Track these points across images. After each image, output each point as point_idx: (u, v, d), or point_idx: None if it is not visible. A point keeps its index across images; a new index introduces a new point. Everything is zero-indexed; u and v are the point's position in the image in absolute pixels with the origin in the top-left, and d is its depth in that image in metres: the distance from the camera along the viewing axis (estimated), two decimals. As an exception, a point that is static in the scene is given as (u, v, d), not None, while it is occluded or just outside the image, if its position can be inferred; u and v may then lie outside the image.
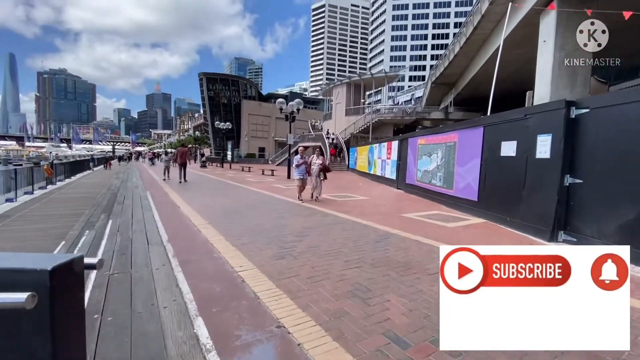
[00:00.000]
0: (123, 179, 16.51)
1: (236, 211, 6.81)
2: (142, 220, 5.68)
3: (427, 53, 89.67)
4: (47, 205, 9.13)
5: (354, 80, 34.07)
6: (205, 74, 47.84)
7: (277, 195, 9.70)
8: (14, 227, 6.37)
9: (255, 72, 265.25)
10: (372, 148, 17.54)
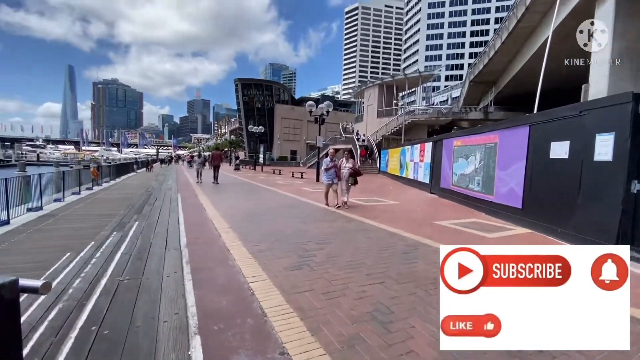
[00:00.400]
0: (160, 181, 17.30)
1: (259, 215, 6.70)
2: (166, 222, 5.73)
3: (465, 51, 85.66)
4: (89, 205, 9.65)
5: (386, 82, 33.28)
6: (240, 80, 49.41)
7: (303, 199, 9.52)
8: (55, 226, 6.71)
9: (288, 77, 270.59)
10: (404, 150, 16.86)
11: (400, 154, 17.62)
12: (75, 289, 2.88)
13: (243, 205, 8.11)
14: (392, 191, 12.84)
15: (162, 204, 8.21)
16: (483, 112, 30.83)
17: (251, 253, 3.89)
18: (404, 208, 8.29)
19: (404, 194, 11.91)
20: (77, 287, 2.92)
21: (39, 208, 8.67)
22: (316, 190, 12.12)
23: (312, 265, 3.49)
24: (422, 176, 13.22)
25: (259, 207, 7.78)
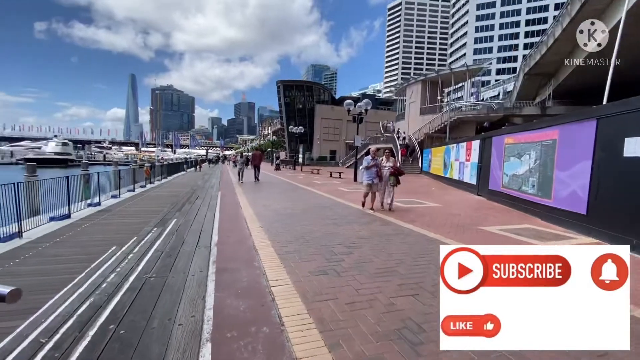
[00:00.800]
0: (206, 179, 18.19)
1: (292, 215, 6.63)
2: (202, 220, 5.88)
3: (519, 42, 78.95)
4: (140, 202, 10.36)
5: (430, 77, 31.76)
6: (282, 82, 50.54)
7: (338, 199, 9.31)
8: (108, 221, 7.24)
9: (330, 78, 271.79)
10: (448, 149, 15.88)
11: (444, 153, 16.64)
12: (109, 284, 2.99)
13: (278, 205, 8.13)
14: (435, 192, 12.12)
15: (202, 202, 8.53)
16: (540, 107, 28.06)
17: (278, 254, 3.79)
18: (446, 211, 7.71)
19: (448, 195, 11.17)
20: (111, 282, 3.03)
21: (97, 204, 9.46)
22: (352, 190, 11.84)
23: (338, 271, 3.29)
24: (468, 177, 12.31)
25: (293, 207, 7.73)
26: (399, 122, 37.24)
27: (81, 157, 64.39)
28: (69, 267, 3.70)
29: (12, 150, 61.32)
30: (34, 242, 5.16)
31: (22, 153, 55.59)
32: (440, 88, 32.54)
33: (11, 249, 4.82)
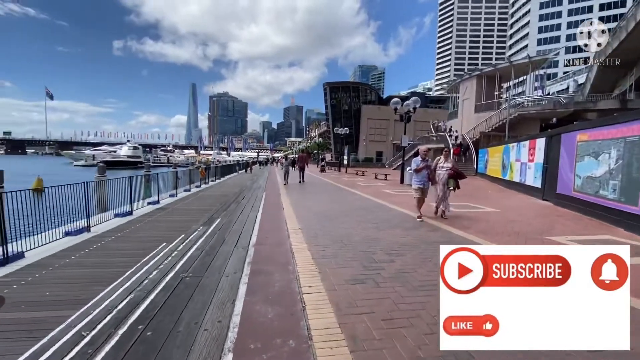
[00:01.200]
0: (254, 180, 18.86)
1: (333, 217, 6.46)
2: (245, 220, 5.98)
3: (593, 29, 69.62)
4: (194, 201, 10.99)
5: (486, 72, 29.38)
6: (329, 84, 50.80)
7: (381, 202, 8.92)
8: (164, 218, 7.73)
9: (377, 77, 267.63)
10: (507, 148, 14.47)
11: (502, 153, 15.21)
12: (150, 280, 3.10)
13: (319, 207, 8.02)
14: (492, 196, 11.07)
15: (248, 202, 8.75)
16: (619, 100, 24.34)
17: (314, 259, 3.65)
18: (505, 217, 6.93)
19: (507, 199, 10.11)
20: (152, 278, 3.14)
21: (157, 202, 10.23)
22: (397, 192, 11.31)
23: (377, 281, 3.03)
24: (532, 179, 11.04)
25: (334, 209, 7.56)
26: (451, 120, 35.10)
27: (149, 159, 71.36)
28: (124, 261, 3.97)
29: (94, 153, 70.13)
30: (100, 236, 5.67)
31: (101, 156, 63.28)
32: (498, 83, 29.96)
33: (80, 241, 5.34)
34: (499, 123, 25.34)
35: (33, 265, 4.18)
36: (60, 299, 2.91)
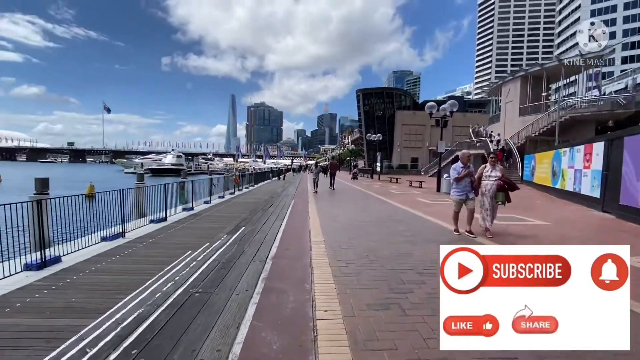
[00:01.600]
0: (285, 187, 18.95)
1: (360, 227, 6.10)
2: (268, 229, 5.83)
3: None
4: (225, 207, 11.15)
5: (532, 72, 27.29)
6: (362, 90, 50.42)
7: (415, 212, 8.37)
8: (195, 224, 7.83)
9: (413, 83, 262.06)
10: (557, 154, 13.15)
11: (552, 159, 13.86)
12: (163, 293, 3.00)
13: (347, 216, 7.69)
14: (541, 207, 10.02)
15: (275, 210, 8.65)
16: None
17: (335, 276, 3.34)
18: (558, 233, 6.13)
19: (559, 211, 9.07)
20: (165, 291, 3.04)
21: (191, 208, 10.50)
22: (433, 202, 10.63)
23: (404, 307, 2.65)
24: (588, 188, 9.85)
25: (363, 219, 7.19)
26: (493, 124, 33.04)
27: (190, 167, 75.29)
28: (148, 269, 3.98)
29: (142, 162, 75.58)
30: (132, 242, 5.81)
31: (148, 164, 68.02)
32: (545, 84, 27.74)
33: (114, 247, 5.50)
34: (548, 127, 23.33)
35: (67, 269, 4.32)
36: (83, 307, 2.94)
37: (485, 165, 5.95)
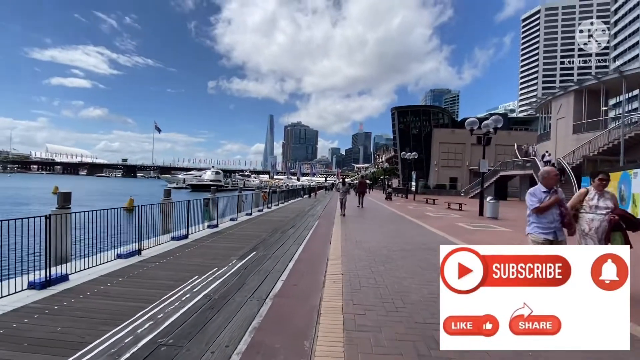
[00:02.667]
0: (314, 205, 18.42)
1: (388, 258, 5.29)
2: (282, 255, 5.23)
3: None
4: (249, 226, 10.79)
5: (587, 86, 24.86)
6: (397, 108, 49.51)
7: (454, 239, 7.34)
8: (213, 244, 7.44)
9: (451, 101, 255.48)
10: (626, 176, 11.34)
11: (619, 182, 11.98)
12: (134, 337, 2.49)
13: (374, 242, 6.87)
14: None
15: (295, 231, 8.08)
16: None
17: (346, 330, 2.63)
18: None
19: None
20: (139, 335, 2.54)
21: (215, 226, 10.26)
22: (476, 228, 9.44)
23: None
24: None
25: (392, 246, 6.35)
26: (542, 143, 30.40)
27: (228, 183, 78.01)
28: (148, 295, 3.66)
29: (184, 177, 79.80)
30: (145, 261, 5.54)
31: (190, 180, 71.58)
32: (604, 98, 25.10)
33: (125, 266, 5.25)
34: (609, 145, 20.81)
35: (69, 290, 4.11)
36: (63, 338, 2.65)
37: (589, 188, 3.89)
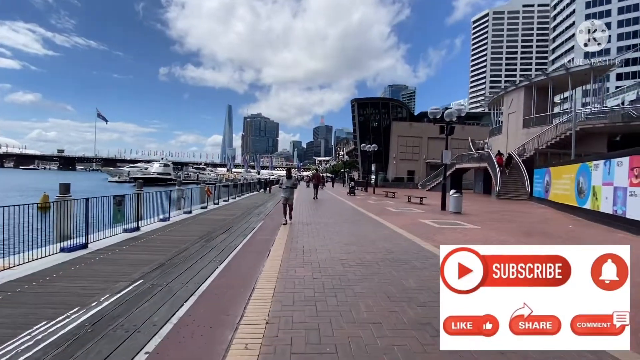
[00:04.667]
0: (266, 201, 16.62)
1: (342, 282, 3.73)
2: (180, 288, 3.40)
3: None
4: (180, 228, 8.71)
5: (537, 82, 25.68)
6: (357, 100, 48.85)
7: (424, 244, 6.03)
8: (116, 256, 5.44)
9: (408, 97, 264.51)
10: (585, 168, 11.10)
11: (577, 174, 11.78)
12: None
13: (326, 252, 5.27)
14: (578, 234, 7.83)
15: (227, 237, 6.35)
16: None
17: None
18: None
19: (606, 240, 6.87)
20: None
21: (135, 229, 8.09)
22: (443, 225, 8.38)
23: None
24: (638, 211, 7.73)
25: (349, 258, 4.85)
26: (493, 137, 31.30)
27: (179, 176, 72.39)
28: None
29: (129, 170, 72.69)
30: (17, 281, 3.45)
31: (134, 173, 65.07)
32: (551, 94, 26.16)
33: None
34: (557, 138, 21.51)
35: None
36: None
37: None
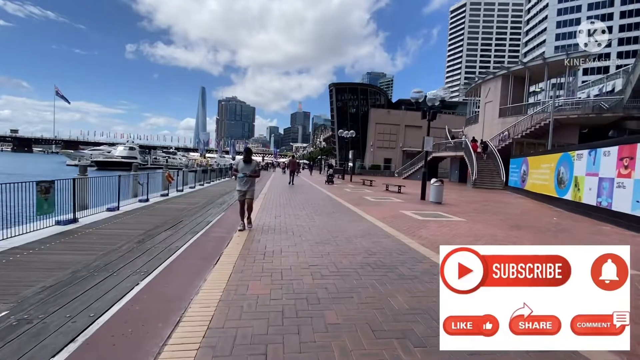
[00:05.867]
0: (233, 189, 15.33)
1: (309, 306, 2.78)
2: (82, 312, 2.37)
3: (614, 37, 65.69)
4: (127, 220, 7.45)
5: (514, 71, 25.66)
6: (335, 84, 47.47)
7: (409, 242, 5.19)
8: (36, 258, 4.19)
9: (386, 85, 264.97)
10: (566, 157, 10.78)
11: (557, 164, 11.48)
12: None
13: (293, 255, 4.27)
14: (565, 226, 7.37)
15: (172, 235, 5.21)
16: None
17: None
18: None
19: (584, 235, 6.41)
20: None
21: (71, 220, 6.76)
22: (426, 217, 7.64)
23: None
24: (627, 203, 7.37)
25: (321, 264, 3.89)
26: (470, 126, 31.37)
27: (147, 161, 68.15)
28: None
29: (91, 153, 67.42)
30: None
31: (96, 156, 60.38)
32: (527, 84, 26.29)
33: None
34: (532, 128, 21.60)
35: None
36: None
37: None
